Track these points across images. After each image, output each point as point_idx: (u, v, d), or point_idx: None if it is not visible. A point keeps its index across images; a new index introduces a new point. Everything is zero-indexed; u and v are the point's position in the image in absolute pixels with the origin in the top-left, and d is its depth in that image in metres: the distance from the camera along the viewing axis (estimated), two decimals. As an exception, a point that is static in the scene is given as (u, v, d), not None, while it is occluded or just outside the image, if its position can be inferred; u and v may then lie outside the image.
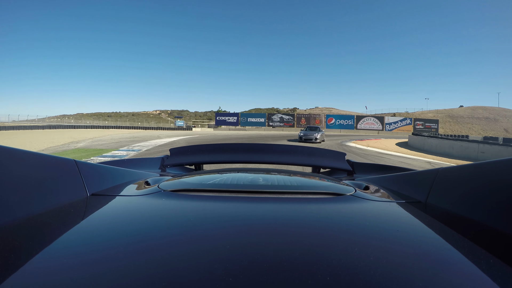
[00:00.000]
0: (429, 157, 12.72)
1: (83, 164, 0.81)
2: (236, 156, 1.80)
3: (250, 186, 0.92)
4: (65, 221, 0.59)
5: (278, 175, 1.11)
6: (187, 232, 0.54)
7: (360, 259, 0.43)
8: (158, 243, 0.48)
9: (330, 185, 0.97)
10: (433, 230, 0.58)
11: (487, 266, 0.42)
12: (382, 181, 1.06)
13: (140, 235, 0.52)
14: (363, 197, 0.78)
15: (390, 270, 0.40)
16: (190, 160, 1.76)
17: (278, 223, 0.59)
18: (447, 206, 0.68)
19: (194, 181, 1.00)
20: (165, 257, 0.43)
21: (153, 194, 0.77)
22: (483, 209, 0.58)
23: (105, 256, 0.44)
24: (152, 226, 0.57)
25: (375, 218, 0.67)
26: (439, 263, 0.43)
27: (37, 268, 0.40)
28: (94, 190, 0.78)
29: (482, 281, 0.39)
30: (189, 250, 0.45)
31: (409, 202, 0.76)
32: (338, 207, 0.71)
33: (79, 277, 0.38)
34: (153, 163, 1.70)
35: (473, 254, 0.47)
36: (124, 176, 1.01)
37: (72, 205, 0.67)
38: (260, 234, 0.53)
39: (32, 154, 0.68)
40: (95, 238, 0.51)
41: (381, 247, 0.49)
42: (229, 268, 0.39)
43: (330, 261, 0.43)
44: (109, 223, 0.60)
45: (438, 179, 0.75)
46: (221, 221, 0.60)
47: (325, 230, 0.57)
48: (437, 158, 12.43)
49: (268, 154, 1.83)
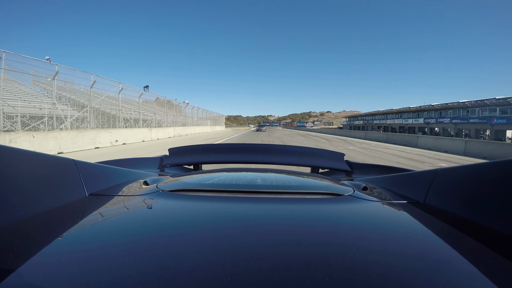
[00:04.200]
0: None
1: (82, 164, 0.81)
2: (234, 156, 1.79)
3: (248, 186, 0.92)
4: (63, 220, 0.59)
5: (276, 175, 1.11)
6: (185, 232, 0.54)
7: (358, 259, 0.43)
8: (156, 242, 0.48)
9: (329, 185, 0.97)
10: (431, 230, 0.58)
11: (486, 266, 0.42)
12: (380, 181, 1.05)
13: (138, 235, 0.52)
14: (362, 198, 0.77)
15: (388, 270, 0.40)
16: (189, 160, 1.75)
17: (276, 223, 0.59)
18: (445, 206, 0.68)
19: (192, 181, 1.00)
20: (163, 256, 0.43)
21: (151, 194, 0.77)
22: (481, 210, 0.58)
23: (103, 256, 0.44)
24: (150, 226, 0.58)
25: (374, 218, 0.67)
26: (437, 263, 0.43)
27: (36, 267, 0.40)
28: (93, 190, 0.78)
29: (480, 281, 0.39)
30: (186, 250, 0.46)
31: (408, 203, 0.76)
32: (336, 208, 0.71)
33: (78, 276, 0.38)
34: (151, 163, 1.70)
35: (471, 254, 0.47)
36: (123, 176, 1.01)
37: (70, 204, 0.67)
38: (258, 234, 0.53)
39: (31, 153, 0.67)
40: (93, 237, 0.51)
41: (379, 247, 0.49)
42: (227, 268, 0.38)
43: (328, 261, 0.43)
44: (107, 223, 0.60)
45: (437, 180, 0.74)
46: (219, 221, 0.60)
47: (324, 230, 0.57)
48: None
49: (267, 154, 1.83)
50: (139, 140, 18.26)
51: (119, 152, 12.00)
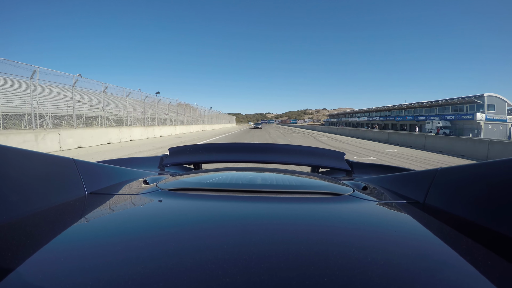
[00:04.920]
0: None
1: (82, 163, 0.81)
2: (235, 155, 1.79)
3: (248, 185, 0.92)
4: (63, 219, 0.59)
5: (276, 174, 1.12)
6: (184, 231, 0.54)
7: (358, 259, 0.43)
8: (155, 241, 0.49)
9: (329, 185, 0.97)
10: (431, 230, 0.58)
11: (485, 266, 0.42)
12: (380, 181, 1.05)
13: (138, 234, 0.52)
14: (361, 197, 0.78)
15: (388, 270, 0.40)
16: (189, 160, 1.75)
17: (276, 223, 0.60)
18: (445, 206, 0.68)
19: (192, 180, 1.01)
20: (163, 255, 0.43)
21: (151, 193, 0.77)
22: (481, 210, 0.58)
23: (103, 254, 0.44)
24: (150, 225, 0.58)
25: (373, 218, 0.67)
26: (437, 264, 0.43)
27: (35, 265, 0.40)
28: (93, 189, 0.78)
29: (479, 281, 0.39)
30: (186, 249, 0.46)
31: (407, 203, 0.76)
32: (336, 207, 0.71)
33: (78, 274, 0.38)
34: (152, 162, 1.70)
35: (471, 254, 0.47)
36: (123, 175, 1.01)
37: (70, 203, 0.67)
38: (258, 233, 0.53)
39: (31, 153, 0.68)
40: (93, 236, 0.51)
41: (378, 247, 0.49)
42: (226, 267, 0.38)
43: (328, 261, 0.43)
44: (107, 221, 0.60)
45: (437, 180, 0.74)
46: (219, 220, 0.60)
47: (323, 230, 0.57)
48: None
49: (267, 153, 1.83)
50: (176, 133, 26.75)
51: (170, 139, 18.61)
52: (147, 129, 20.88)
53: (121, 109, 20.11)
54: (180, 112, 33.15)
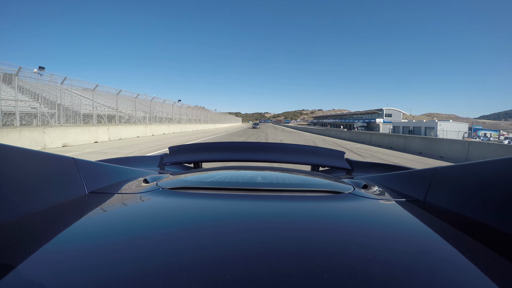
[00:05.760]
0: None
1: (82, 162, 0.81)
2: (235, 154, 1.79)
3: (248, 184, 0.91)
4: (63, 218, 0.58)
5: (276, 173, 1.12)
6: (184, 229, 0.54)
7: (358, 257, 0.43)
8: (155, 240, 0.49)
9: (329, 183, 0.97)
10: (431, 228, 0.58)
11: (485, 264, 0.42)
12: (380, 179, 1.05)
13: (138, 233, 0.52)
14: (362, 195, 0.78)
15: (388, 268, 0.40)
16: (189, 159, 1.75)
17: (276, 221, 0.59)
18: (445, 204, 0.68)
19: (192, 179, 1.00)
20: (163, 254, 0.43)
21: (151, 192, 0.77)
22: (481, 208, 0.58)
23: (103, 253, 0.44)
24: (150, 224, 0.58)
25: (373, 216, 0.67)
26: (437, 261, 0.43)
27: (35, 264, 0.40)
28: (93, 188, 0.78)
29: (479, 279, 0.39)
30: (186, 248, 0.46)
31: (408, 201, 0.76)
32: (336, 205, 0.71)
33: (79, 274, 0.37)
34: (152, 161, 1.70)
35: (471, 252, 0.47)
36: (123, 174, 1.01)
37: (70, 202, 0.67)
38: (258, 231, 0.53)
39: (31, 152, 0.67)
40: (93, 235, 0.51)
41: (379, 245, 0.49)
42: (227, 265, 0.38)
43: (328, 259, 0.43)
44: (107, 220, 0.60)
45: (437, 178, 0.74)
46: (219, 219, 0.60)
47: (323, 228, 0.57)
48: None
49: (267, 152, 1.83)
50: (190, 129, 34.30)
51: (188, 135, 22.71)
52: (169, 126, 28.27)
53: (146, 112, 25.64)
54: (194, 115, 41.21)
